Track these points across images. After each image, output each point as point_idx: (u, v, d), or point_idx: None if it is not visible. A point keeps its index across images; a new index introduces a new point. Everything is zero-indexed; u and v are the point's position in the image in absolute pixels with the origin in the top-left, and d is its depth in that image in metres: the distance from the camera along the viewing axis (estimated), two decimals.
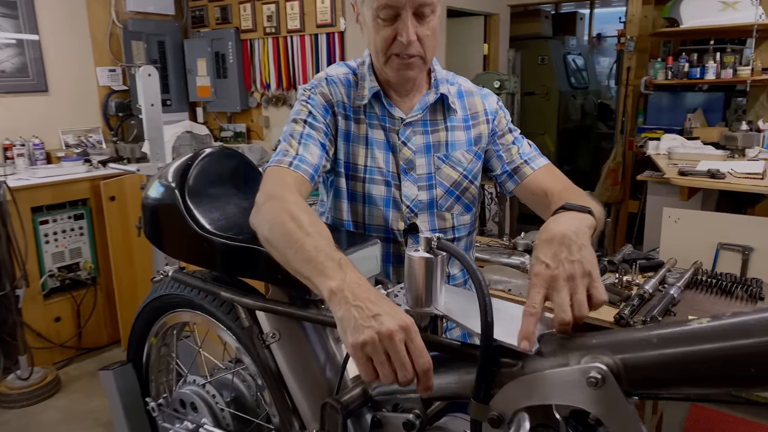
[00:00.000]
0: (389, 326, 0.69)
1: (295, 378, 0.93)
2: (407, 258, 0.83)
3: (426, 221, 1.19)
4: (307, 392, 0.92)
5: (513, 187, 1.22)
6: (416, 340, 0.70)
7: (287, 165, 1.03)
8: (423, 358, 0.70)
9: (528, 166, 1.22)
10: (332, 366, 0.94)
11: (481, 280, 0.75)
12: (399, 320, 0.70)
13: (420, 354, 0.70)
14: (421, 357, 0.70)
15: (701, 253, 2.61)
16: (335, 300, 0.74)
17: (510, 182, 1.22)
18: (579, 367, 0.68)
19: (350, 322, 0.71)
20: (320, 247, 0.80)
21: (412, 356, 0.70)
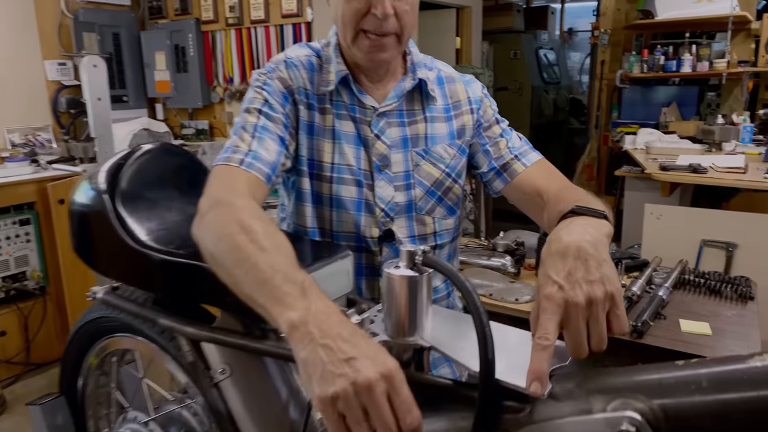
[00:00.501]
0: (368, 374, 0.54)
1: (252, 422, 0.77)
2: (386, 277, 0.68)
3: (404, 227, 1.03)
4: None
5: (502, 186, 1.07)
6: (402, 392, 0.55)
7: (238, 163, 0.86)
8: (411, 414, 0.55)
9: (519, 162, 1.07)
10: (297, 406, 0.78)
11: (479, 307, 0.60)
12: (380, 366, 0.55)
13: (407, 409, 0.55)
14: (409, 413, 0.55)
15: (684, 250, 2.52)
16: (297, 337, 0.58)
17: (498, 181, 1.07)
18: (605, 416, 0.54)
19: (316, 368, 0.55)
20: (278, 266, 0.64)
21: (397, 412, 0.55)
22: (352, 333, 0.58)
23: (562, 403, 0.58)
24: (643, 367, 0.56)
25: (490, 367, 0.59)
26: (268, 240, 0.68)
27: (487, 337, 0.59)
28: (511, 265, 2.18)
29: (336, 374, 0.54)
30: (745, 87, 3.95)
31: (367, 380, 0.53)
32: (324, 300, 0.62)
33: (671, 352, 1.67)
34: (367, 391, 0.53)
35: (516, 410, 0.61)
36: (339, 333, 0.57)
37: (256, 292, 0.64)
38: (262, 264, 0.65)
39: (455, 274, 0.63)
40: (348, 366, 0.55)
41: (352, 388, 0.54)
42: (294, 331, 0.59)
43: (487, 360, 0.59)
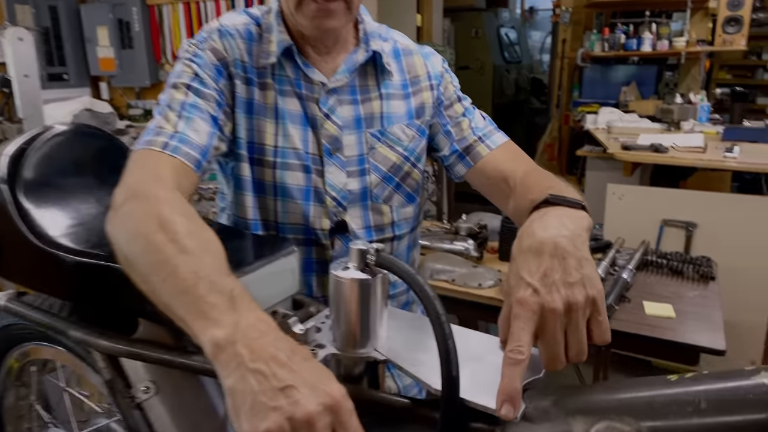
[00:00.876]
0: (307, 407, 0.45)
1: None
2: (333, 280, 0.58)
3: (358, 217, 0.93)
4: None
5: (465, 171, 0.98)
6: (350, 426, 0.46)
7: (161, 147, 0.74)
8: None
9: (483, 145, 0.98)
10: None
11: (441, 316, 0.51)
12: (323, 396, 0.46)
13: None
14: None
15: (645, 230, 2.52)
16: (223, 359, 0.48)
17: (461, 165, 0.98)
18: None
19: (245, 399, 0.46)
20: (202, 272, 0.54)
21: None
22: (291, 354, 0.48)
23: (536, 426, 0.50)
24: (631, 383, 0.49)
25: (453, 386, 0.50)
26: (192, 239, 0.57)
27: (450, 352, 0.50)
28: (474, 249, 2.12)
29: (269, 407, 0.45)
30: (702, 66, 3.97)
31: (306, 414, 0.44)
32: (257, 313, 0.52)
33: (637, 336, 1.64)
34: (307, 427, 0.44)
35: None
36: (274, 355, 0.47)
37: (176, 302, 0.53)
38: (183, 269, 0.54)
39: (414, 277, 0.53)
40: (284, 396, 0.45)
41: (288, 425, 0.44)
42: (219, 352, 0.49)
43: (451, 378, 0.50)
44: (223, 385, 0.48)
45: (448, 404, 0.50)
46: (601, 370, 2.16)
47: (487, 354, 0.59)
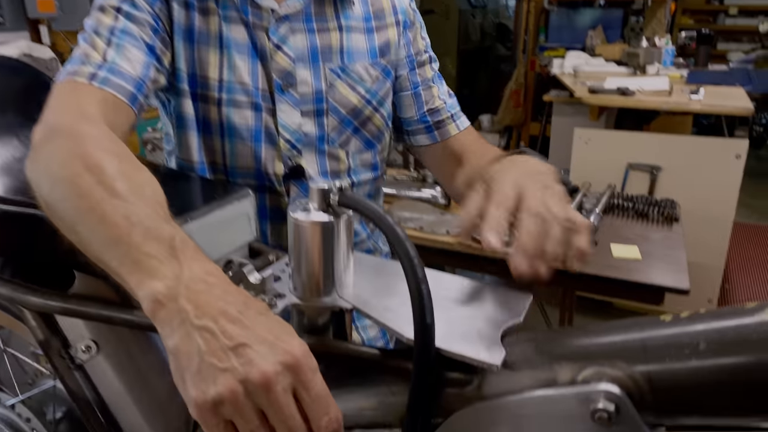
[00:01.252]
0: (264, 367, 0.39)
1: (133, 409, 0.61)
2: (292, 223, 0.52)
3: (314, 162, 0.86)
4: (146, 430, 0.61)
5: (427, 143, 0.96)
6: (313, 386, 0.41)
7: (87, 78, 0.64)
8: (328, 415, 0.41)
9: (454, 124, 0.96)
10: None
11: (413, 259, 0.46)
12: (281, 353, 0.40)
13: (322, 409, 0.41)
14: (325, 414, 0.41)
15: (611, 174, 2.52)
16: (163, 316, 0.42)
17: (425, 136, 0.96)
18: (575, 390, 0.42)
19: (191, 361, 0.40)
20: (136, 217, 0.46)
21: (308, 413, 0.41)
22: (243, 308, 0.42)
23: (518, 374, 0.46)
24: (620, 324, 0.45)
25: (427, 334, 0.45)
26: (124, 181, 0.49)
27: (424, 297, 0.45)
28: (442, 197, 2.08)
29: (219, 369, 0.39)
30: (667, 9, 3.93)
31: (263, 375, 0.39)
32: (202, 263, 0.45)
33: (604, 279, 1.65)
34: (264, 390, 0.39)
35: (461, 383, 0.48)
36: (223, 309, 0.41)
37: (108, 254, 0.46)
38: (114, 215, 0.46)
39: (381, 215, 0.47)
40: (236, 356, 0.39)
41: (241, 388, 0.39)
42: (159, 308, 0.42)
43: (425, 326, 0.45)
44: (166, 345, 0.42)
45: (422, 354, 0.45)
46: (566, 313, 2.19)
47: (462, 298, 0.55)
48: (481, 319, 0.51)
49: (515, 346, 0.48)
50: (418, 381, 0.46)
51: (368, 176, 0.93)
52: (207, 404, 0.39)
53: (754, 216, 4.01)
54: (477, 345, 0.47)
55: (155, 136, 2.50)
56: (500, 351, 0.46)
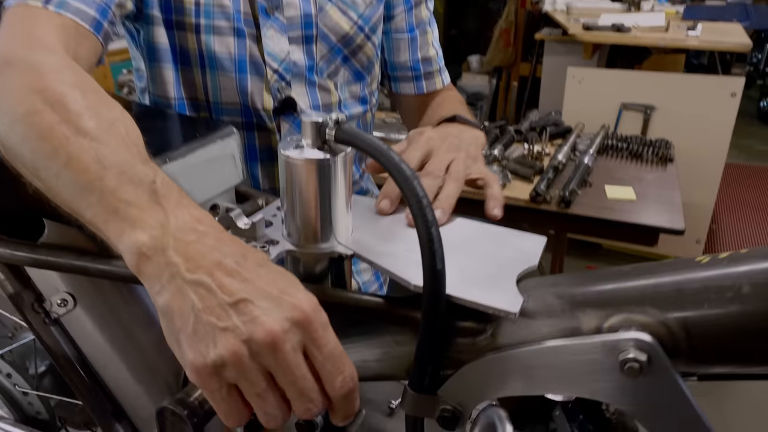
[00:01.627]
0: (270, 325, 0.35)
1: (114, 365, 0.57)
2: (283, 162, 0.47)
3: (303, 94, 0.79)
4: (133, 386, 0.57)
5: (411, 92, 0.92)
6: (326, 344, 0.37)
7: (42, 2, 0.56)
8: (343, 374, 0.37)
9: (440, 77, 0.93)
10: None
11: (422, 199, 0.41)
12: (289, 308, 0.36)
13: (336, 368, 0.37)
14: (340, 373, 0.37)
15: (604, 114, 2.46)
16: (150, 272, 0.37)
17: (410, 85, 0.92)
18: (602, 339, 0.39)
19: (186, 321, 0.35)
20: (108, 160, 0.41)
21: (321, 373, 0.37)
22: (241, 259, 0.37)
23: (537, 322, 0.42)
24: (649, 267, 0.41)
25: (438, 281, 0.41)
26: (92, 118, 0.43)
27: (434, 241, 0.40)
28: None
29: (218, 328, 0.34)
30: None
31: (269, 334, 0.34)
32: (190, 208, 0.40)
33: (599, 220, 1.62)
34: (271, 350, 0.34)
35: (472, 333, 0.45)
36: (218, 261, 0.36)
37: (80, 202, 0.41)
38: (83, 157, 0.41)
39: (385, 151, 0.42)
40: (237, 313, 0.35)
41: (245, 348, 0.34)
42: (144, 262, 0.37)
43: (435, 272, 0.41)
44: (155, 303, 0.37)
45: (432, 302, 0.41)
46: (558, 256, 2.18)
47: (471, 242, 0.50)
48: (493, 263, 0.47)
49: (532, 292, 0.44)
50: (428, 331, 0.42)
51: (358, 110, 0.88)
52: (207, 368, 0.35)
53: (741, 156, 4.01)
54: (491, 292, 0.43)
55: (131, 78, 2.37)
56: (517, 298, 0.42)
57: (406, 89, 0.92)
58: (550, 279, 0.45)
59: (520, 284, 0.45)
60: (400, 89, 0.92)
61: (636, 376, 0.37)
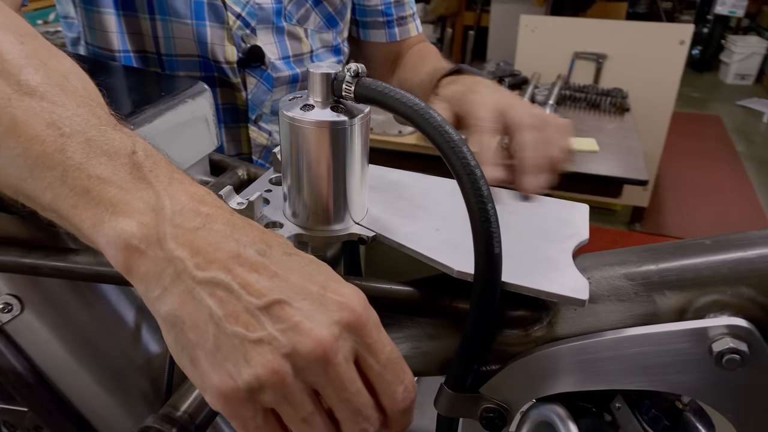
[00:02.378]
0: (318, 333, 0.27)
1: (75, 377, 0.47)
2: (287, 126, 0.37)
3: (272, 43, 0.69)
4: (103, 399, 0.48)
5: (382, 40, 0.82)
6: (382, 346, 0.29)
7: None
8: (403, 380, 0.30)
9: (414, 23, 0.83)
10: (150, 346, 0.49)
11: (475, 170, 0.33)
12: (336, 308, 0.28)
13: (394, 374, 0.29)
14: (399, 380, 0.29)
15: (557, 64, 2.43)
16: (146, 270, 0.28)
17: (381, 32, 0.81)
18: (688, 327, 0.33)
19: (202, 333, 0.27)
20: (68, 123, 0.31)
21: (378, 383, 0.29)
22: (264, 246, 0.29)
23: (603, 307, 0.36)
24: (737, 239, 0.35)
25: (495, 268, 0.34)
26: (39, 69, 0.32)
27: (491, 221, 0.33)
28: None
29: (249, 341, 0.26)
30: None
31: (318, 344, 0.26)
32: (184, 183, 0.31)
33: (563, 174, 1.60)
34: (322, 363, 0.27)
35: (525, 322, 0.38)
36: (236, 252, 0.28)
37: (32, 180, 0.30)
38: (34, 121, 0.30)
39: (423, 110, 0.34)
40: (271, 320, 0.27)
41: (288, 365, 0.26)
42: (136, 258, 0.28)
43: (492, 258, 0.34)
44: (155, 311, 0.28)
45: (488, 292, 0.34)
46: None
47: (507, 213, 0.43)
48: (541, 239, 0.40)
49: (593, 272, 0.38)
50: (479, 324, 0.36)
51: (331, 61, 0.78)
52: (239, 393, 0.26)
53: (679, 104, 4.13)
54: (550, 275, 0.36)
55: (47, 30, 2.11)
56: (582, 281, 0.36)
57: (376, 37, 0.82)
58: (609, 256, 0.39)
59: (576, 258, 0.38)
60: (370, 36, 0.82)
61: (733, 369, 0.32)
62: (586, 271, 0.37)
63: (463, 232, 0.40)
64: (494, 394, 0.40)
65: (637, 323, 0.35)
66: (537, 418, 0.40)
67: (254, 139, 0.72)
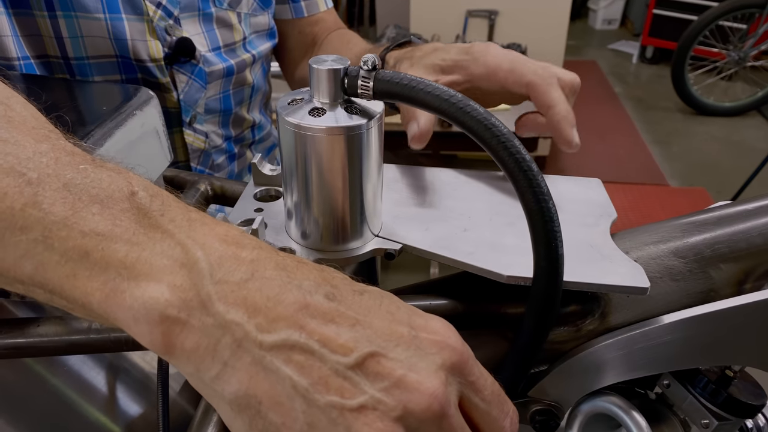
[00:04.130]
0: (429, 386, 0.22)
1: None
2: (291, 134, 0.31)
3: (199, 33, 0.60)
4: None
5: (287, 16, 0.74)
6: (485, 382, 0.25)
7: None
8: (508, 412, 0.26)
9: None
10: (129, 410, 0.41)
11: (531, 166, 0.29)
12: (436, 351, 0.23)
13: (500, 407, 0.25)
14: (505, 413, 0.26)
15: (451, 24, 2.44)
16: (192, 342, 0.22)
17: (286, 8, 0.73)
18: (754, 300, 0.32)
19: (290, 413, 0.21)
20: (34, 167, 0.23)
21: (484, 420, 0.25)
22: (330, 288, 0.24)
23: (657, 289, 0.34)
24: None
25: (559, 269, 0.31)
26: None
27: (554, 220, 0.29)
28: None
29: (350, 410, 0.21)
30: None
31: (433, 398, 0.22)
32: (209, 224, 0.25)
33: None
34: (438, 418, 0.22)
35: (577, 317, 0.36)
36: (303, 302, 0.23)
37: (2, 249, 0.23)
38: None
39: (462, 101, 0.29)
40: (369, 378, 0.22)
41: (402, 429, 0.22)
42: (178, 331, 0.22)
43: (556, 259, 0.30)
44: (215, 394, 0.22)
45: (550, 296, 0.31)
46: None
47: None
48: (573, 225, 0.38)
49: (638, 253, 0.36)
50: (539, 331, 0.32)
51: (266, 47, 0.70)
52: None
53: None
54: (602, 265, 0.34)
55: None
56: (636, 266, 0.33)
57: (281, 13, 0.73)
58: (647, 233, 0.37)
59: (614, 236, 0.36)
60: (275, 14, 0.73)
61: None
62: (629, 254, 0.35)
63: (492, 229, 0.36)
64: (544, 395, 0.37)
65: (695, 302, 0.34)
66: (590, 411, 0.38)
67: (191, 143, 0.63)
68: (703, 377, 0.37)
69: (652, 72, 3.82)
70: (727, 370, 0.37)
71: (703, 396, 0.37)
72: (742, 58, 3.03)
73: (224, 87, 0.65)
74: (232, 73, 0.64)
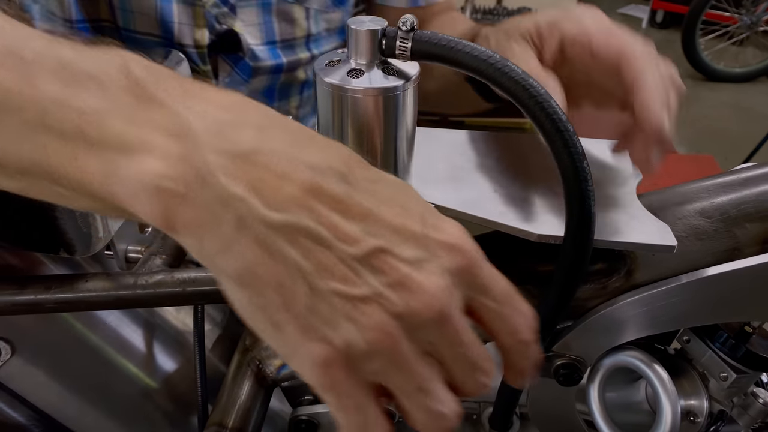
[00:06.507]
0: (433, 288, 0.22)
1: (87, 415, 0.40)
2: (328, 95, 0.32)
3: (255, 25, 0.58)
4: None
5: (402, 5, 0.66)
6: (495, 280, 0.25)
7: None
8: (521, 309, 0.25)
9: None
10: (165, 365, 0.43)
11: (567, 125, 0.30)
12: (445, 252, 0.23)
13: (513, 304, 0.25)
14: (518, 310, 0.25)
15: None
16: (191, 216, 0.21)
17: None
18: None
19: (293, 293, 0.21)
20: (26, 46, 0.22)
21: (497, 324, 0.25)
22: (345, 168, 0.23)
23: (682, 248, 0.35)
24: None
25: (590, 228, 0.32)
26: None
27: (587, 180, 0.30)
28: None
29: (352, 298, 0.21)
30: None
31: (435, 300, 0.22)
32: (207, 91, 0.23)
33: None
34: (439, 321, 0.22)
35: (603, 275, 0.37)
36: (313, 183, 0.22)
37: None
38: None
39: (500, 62, 0.30)
40: (373, 272, 0.22)
41: (401, 327, 0.22)
42: (176, 204, 0.21)
43: (586, 217, 0.31)
44: (216, 268, 0.22)
45: (580, 255, 0.32)
46: None
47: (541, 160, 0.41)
48: (604, 185, 0.38)
49: (665, 212, 0.37)
50: (568, 289, 0.34)
51: (333, 46, 0.66)
52: (343, 361, 0.22)
53: None
54: (630, 224, 0.35)
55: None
56: (663, 225, 0.34)
57: (395, 0, 0.66)
58: (673, 193, 0.38)
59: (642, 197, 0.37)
60: (387, 0, 0.67)
61: None
62: (657, 214, 0.36)
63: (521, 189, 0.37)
64: (568, 350, 0.39)
65: (718, 260, 0.35)
66: (612, 365, 0.40)
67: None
68: (723, 333, 0.38)
69: (662, 37, 3.76)
70: (746, 326, 0.39)
71: (722, 350, 0.38)
72: (755, 23, 2.98)
73: (270, 82, 0.62)
74: (281, 70, 0.62)
